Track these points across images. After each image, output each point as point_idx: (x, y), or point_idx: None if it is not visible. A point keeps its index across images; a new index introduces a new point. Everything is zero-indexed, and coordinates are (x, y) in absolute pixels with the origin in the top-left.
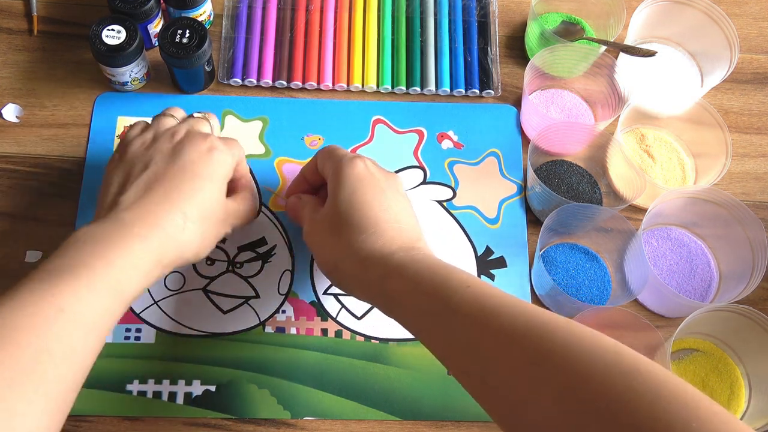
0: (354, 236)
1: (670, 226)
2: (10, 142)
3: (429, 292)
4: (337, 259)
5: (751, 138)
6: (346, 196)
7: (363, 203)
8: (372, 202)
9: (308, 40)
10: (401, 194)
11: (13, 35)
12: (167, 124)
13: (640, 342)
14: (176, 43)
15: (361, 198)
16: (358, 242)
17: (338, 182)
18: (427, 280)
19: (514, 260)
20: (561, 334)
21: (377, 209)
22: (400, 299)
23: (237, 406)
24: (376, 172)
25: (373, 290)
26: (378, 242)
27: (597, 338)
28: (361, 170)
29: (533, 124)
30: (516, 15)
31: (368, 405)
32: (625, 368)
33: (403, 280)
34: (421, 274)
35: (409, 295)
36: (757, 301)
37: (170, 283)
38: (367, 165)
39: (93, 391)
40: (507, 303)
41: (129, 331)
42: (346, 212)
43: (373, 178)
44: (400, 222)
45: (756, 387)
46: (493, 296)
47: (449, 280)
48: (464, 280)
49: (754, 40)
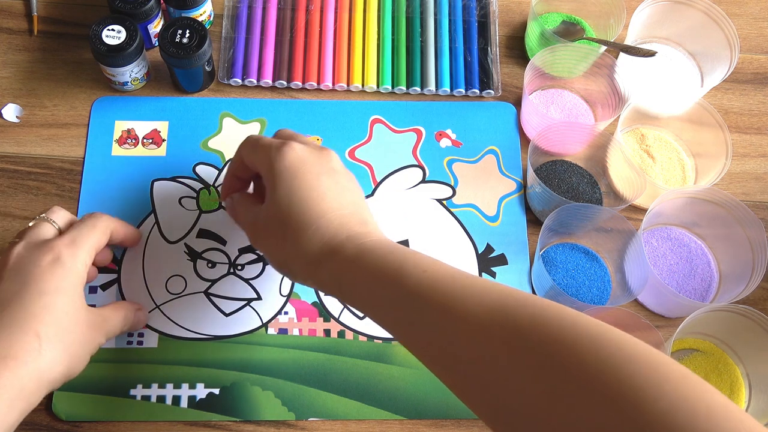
0: (298, 235)
1: (670, 226)
2: (10, 142)
3: (385, 282)
4: (287, 260)
5: (751, 138)
6: (283, 194)
7: (300, 197)
8: (309, 193)
9: (308, 40)
10: (338, 172)
11: (13, 35)
12: (5, 249)
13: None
14: (176, 43)
15: (297, 192)
16: (303, 241)
17: (273, 179)
18: (381, 270)
19: (514, 258)
20: (528, 309)
21: (316, 199)
22: (358, 294)
23: (241, 408)
24: (307, 155)
25: (330, 288)
26: (323, 238)
27: (563, 309)
28: (293, 159)
29: (533, 124)
30: (516, 15)
31: (372, 405)
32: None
33: (356, 274)
34: (375, 264)
35: (365, 288)
36: (757, 301)
37: (171, 286)
38: (297, 151)
39: (97, 396)
40: (468, 283)
41: (131, 336)
42: (286, 212)
43: (306, 164)
44: (342, 207)
45: (756, 387)
46: (453, 277)
47: (404, 267)
48: (420, 264)
49: (754, 40)
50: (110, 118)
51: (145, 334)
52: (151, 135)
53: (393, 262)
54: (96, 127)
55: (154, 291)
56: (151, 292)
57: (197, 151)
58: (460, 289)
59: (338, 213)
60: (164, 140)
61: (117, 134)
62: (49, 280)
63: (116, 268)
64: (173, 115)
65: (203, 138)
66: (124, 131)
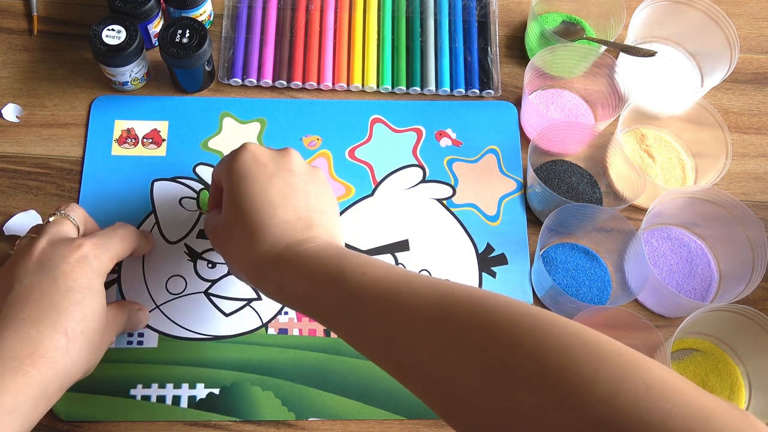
0: (243, 243)
1: (670, 226)
2: (10, 142)
3: (326, 288)
4: (237, 264)
5: (751, 138)
6: (232, 199)
7: (247, 202)
8: (256, 196)
9: (308, 40)
10: (293, 173)
11: (13, 35)
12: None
13: (640, 342)
14: (176, 43)
15: (245, 196)
16: (247, 248)
17: (226, 182)
18: (321, 274)
19: (514, 257)
20: (467, 301)
21: (261, 204)
22: (302, 300)
23: (241, 408)
24: (262, 156)
25: (275, 294)
26: (264, 246)
27: (500, 298)
28: (246, 160)
29: (533, 124)
30: (516, 15)
31: (372, 405)
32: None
33: (297, 281)
34: (313, 270)
35: (309, 295)
36: (757, 301)
37: (171, 286)
38: (254, 152)
39: (97, 396)
40: (408, 281)
41: (131, 336)
42: (233, 217)
43: (259, 167)
44: (287, 213)
45: (756, 387)
46: (393, 276)
47: (342, 269)
48: (360, 266)
49: (754, 40)
50: (110, 117)
51: (145, 334)
52: (151, 135)
53: (332, 266)
54: (96, 126)
55: (154, 291)
56: (151, 292)
57: (197, 151)
58: (397, 286)
59: (282, 219)
60: (164, 140)
61: (117, 134)
62: (78, 278)
63: (116, 268)
64: (173, 115)
65: (203, 138)
66: (123, 131)
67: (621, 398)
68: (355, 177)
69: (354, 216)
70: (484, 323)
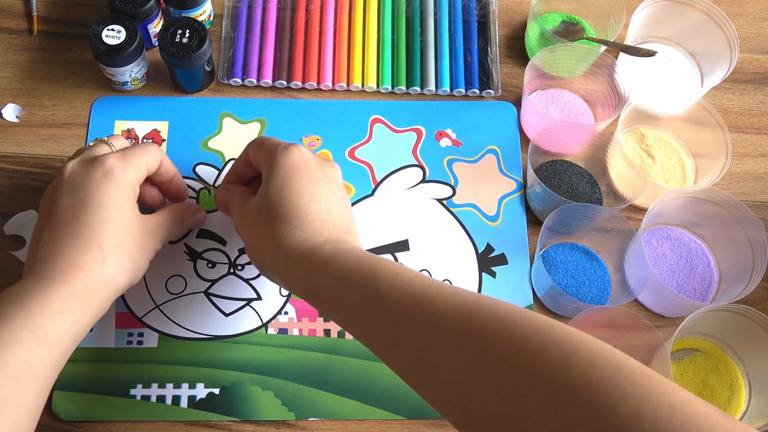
0: (280, 228)
1: (670, 226)
2: (10, 142)
3: (357, 284)
4: (264, 250)
5: (751, 138)
6: (277, 186)
7: (292, 194)
8: (302, 192)
9: (308, 40)
10: (337, 184)
11: (13, 35)
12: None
13: (640, 342)
14: (176, 43)
15: (291, 188)
16: (283, 235)
17: (271, 172)
18: (355, 271)
19: (514, 257)
20: (492, 313)
21: (307, 200)
22: (328, 293)
23: (241, 408)
24: (311, 160)
25: (299, 284)
26: (303, 235)
27: (526, 313)
28: (295, 159)
29: (533, 124)
30: (516, 15)
31: (372, 405)
32: (558, 339)
33: (329, 274)
34: (348, 266)
35: (337, 289)
36: (757, 301)
37: (171, 286)
38: (303, 153)
39: (97, 396)
40: (436, 287)
41: (131, 336)
42: (274, 203)
43: (307, 167)
44: (330, 214)
45: (756, 387)
46: (423, 282)
47: (376, 269)
48: (392, 268)
49: (754, 40)
50: (110, 117)
51: (145, 334)
52: (151, 135)
53: (366, 264)
54: (96, 126)
55: (154, 291)
56: (151, 292)
57: (197, 151)
58: (429, 291)
59: (324, 217)
60: (164, 140)
61: (117, 134)
62: (104, 194)
63: None
64: (173, 115)
65: (203, 138)
66: (123, 131)
67: (646, 419)
68: (355, 177)
69: (354, 216)
70: (512, 336)
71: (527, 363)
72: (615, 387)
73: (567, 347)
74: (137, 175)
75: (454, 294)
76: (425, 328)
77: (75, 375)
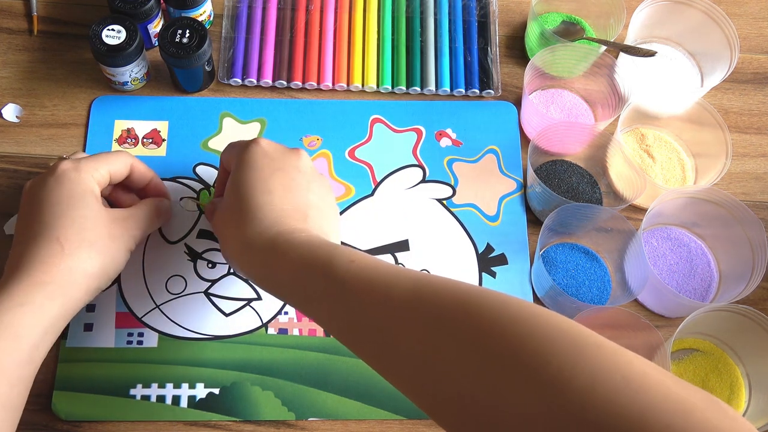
0: (240, 224)
1: (670, 226)
2: (10, 142)
3: (315, 273)
4: (230, 248)
5: (751, 138)
6: (236, 183)
7: (248, 188)
8: (256, 185)
9: (308, 40)
10: (299, 171)
11: (13, 35)
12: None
13: (640, 342)
14: (176, 43)
15: (247, 183)
16: (242, 230)
17: (233, 171)
18: (311, 261)
19: (514, 257)
20: (452, 292)
21: (260, 192)
22: (289, 285)
23: (241, 408)
24: (272, 151)
25: (262, 279)
26: (257, 228)
27: (486, 291)
28: (254, 153)
29: (533, 124)
30: (516, 15)
31: (372, 404)
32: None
33: (287, 266)
34: (304, 256)
35: (297, 280)
36: (757, 301)
37: (171, 286)
38: (263, 147)
39: (96, 396)
40: (393, 272)
41: (131, 336)
42: (234, 199)
43: (266, 159)
44: (284, 203)
45: (756, 387)
46: (380, 267)
47: (332, 257)
48: (348, 255)
49: (754, 40)
50: (110, 117)
51: (145, 333)
52: (151, 135)
53: (322, 253)
54: (96, 126)
55: (154, 291)
56: (151, 292)
57: (197, 151)
58: (384, 276)
59: (278, 207)
60: (164, 140)
61: (117, 133)
62: (58, 193)
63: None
64: (173, 115)
65: (203, 138)
66: (123, 131)
67: (599, 391)
68: (355, 177)
69: (354, 216)
70: (468, 314)
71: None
72: (568, 360)
73: (522, 323)
74: (94, 175)
75: (411, 277)
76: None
77: (75, 375)
